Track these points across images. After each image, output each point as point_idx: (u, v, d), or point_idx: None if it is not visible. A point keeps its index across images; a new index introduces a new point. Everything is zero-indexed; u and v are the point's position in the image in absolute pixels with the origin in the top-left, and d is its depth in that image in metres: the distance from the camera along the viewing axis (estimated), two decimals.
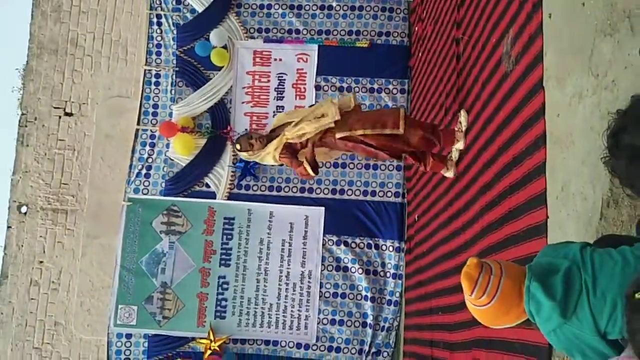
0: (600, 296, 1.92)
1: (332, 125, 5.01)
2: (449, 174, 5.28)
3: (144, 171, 7.78)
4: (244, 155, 5.41)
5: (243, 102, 7.87)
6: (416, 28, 7.39)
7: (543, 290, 1.96)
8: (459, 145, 5.11)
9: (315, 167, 5.07)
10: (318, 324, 7.45)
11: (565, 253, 2.05)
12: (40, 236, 8.21)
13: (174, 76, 7.89)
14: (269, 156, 5.19)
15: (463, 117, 5.10)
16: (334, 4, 7.85)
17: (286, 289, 7.53)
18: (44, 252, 8.17)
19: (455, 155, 5.17)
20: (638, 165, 1.60)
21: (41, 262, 8.15)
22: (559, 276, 1.96)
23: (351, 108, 5.16)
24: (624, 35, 2.77)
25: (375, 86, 7.66)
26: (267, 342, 7.49)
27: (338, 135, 5.02)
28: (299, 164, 5.10)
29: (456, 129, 5.13)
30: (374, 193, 7.56)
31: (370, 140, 5.01)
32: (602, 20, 2.97)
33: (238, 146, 5.37)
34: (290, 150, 5.13)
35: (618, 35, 2.82)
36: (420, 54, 7.11)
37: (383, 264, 7.46)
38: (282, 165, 5.65)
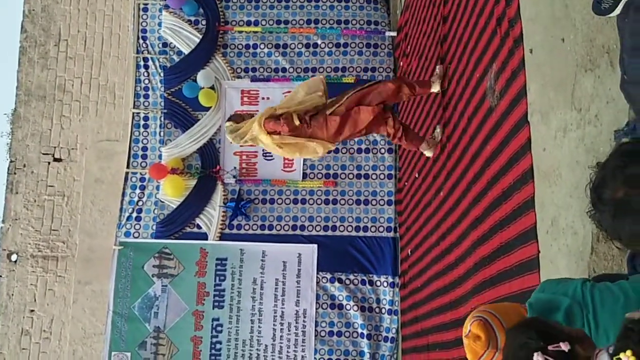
0: (602, 333, 1.90)
1: (323, 101, 5.34)
2: (429, 152, 5.61)
3: (134, 214, 7.72)
4: (229, 126, 5.56)
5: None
6: (401, 63, 7.45)
7: None
8: (428, 152, 5.56)
9: (301, 120, 5.28)
10: None
11: (565, 289, 2.02)
12: (31, 284, 8.12)
13: (162, 118, 7.90)
14: (255, 123, 5.35)
15: (438, 130, 5.51)
16: (319, 42, 7.92)
17: (281, 329, 7.44)
18: (35, 300, 8.08)
19: (437, 135, 5.51)
20: (622, 218, 1.59)
21: (32, 310, 8.05)
22: (560, 314, 1.94)
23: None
24: (604, 70, 2.79)
25: None
26: None
27: (328, 112, 5.29)
28: (281, 119, 5.27)
29: (428, 137, 5.59)
30: (366, 228, 7.53)
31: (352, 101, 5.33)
32: (582, 56, 2.99)
33: (229, 123, 5.58)
34: (276, 117, 5.31)
35: (598, 71, 2.84)
36: None
37: (378, 300, 7.39)
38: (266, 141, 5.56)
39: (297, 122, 5.24)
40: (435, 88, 5.48)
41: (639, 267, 2.19)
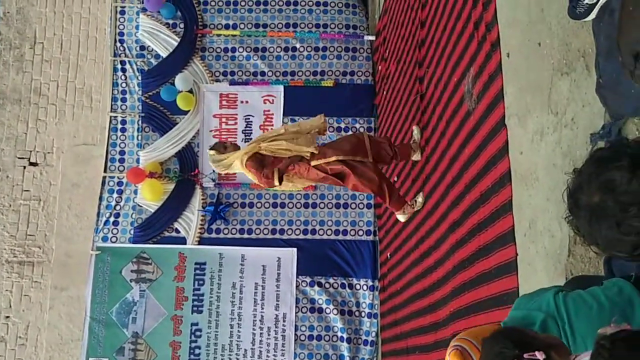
0: (580, 342, 1.90)
1: (308, 155, 5.29)
2: (403, 218, 5.63)
3: (112, 219, 7.64)
4: (212, 155, 5.53)
5: None
6: (380, 67, 7.47)
7: None
8: (416, 156, 5.49)
9: (281, 179, 5.29)
10: None
11: (538, 304, 2.03)
12: (6, 290, 8.00)
13: (140, 122, 7.84)
14: (237, 160, 5.33)
15: (416, 131, 5.49)
16: (298, 46, 7.92)
17: (261, 333, 7.41)
18: (10, 306, 7.95)
19: (416, 136, 5.54)
20: (598, 223, 1.61)
21: (7, 317, 7.92)
22: (535, 329, 1.94)
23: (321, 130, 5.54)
24: (579, 74, 2.81)
25: (342, 125, 7.70)
26: None
27: (313, 163, 5.28)
28: (262, 174, 5.25)
29: (411, 142, 5.56)
30: (345, 232, 7.53)
31: (337, 166, 5.28)
32: (558, 60, 3.02)
33: (212, 152, 5.55)
34: (259, 160, 5.28)
35: (574, 74, 2.86)
36: (384, 93, 7.18)
37: (358, 304, 7.40)
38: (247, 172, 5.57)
39: (276, 183, 5.28)
40: (416, 157, 5.53)
41: (616, 270, 2.20)
